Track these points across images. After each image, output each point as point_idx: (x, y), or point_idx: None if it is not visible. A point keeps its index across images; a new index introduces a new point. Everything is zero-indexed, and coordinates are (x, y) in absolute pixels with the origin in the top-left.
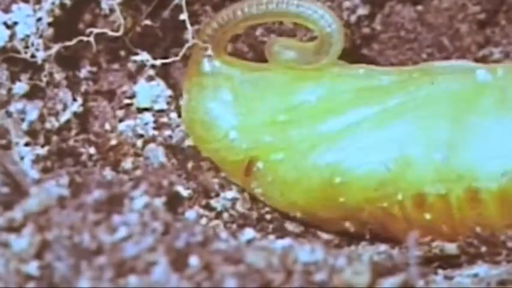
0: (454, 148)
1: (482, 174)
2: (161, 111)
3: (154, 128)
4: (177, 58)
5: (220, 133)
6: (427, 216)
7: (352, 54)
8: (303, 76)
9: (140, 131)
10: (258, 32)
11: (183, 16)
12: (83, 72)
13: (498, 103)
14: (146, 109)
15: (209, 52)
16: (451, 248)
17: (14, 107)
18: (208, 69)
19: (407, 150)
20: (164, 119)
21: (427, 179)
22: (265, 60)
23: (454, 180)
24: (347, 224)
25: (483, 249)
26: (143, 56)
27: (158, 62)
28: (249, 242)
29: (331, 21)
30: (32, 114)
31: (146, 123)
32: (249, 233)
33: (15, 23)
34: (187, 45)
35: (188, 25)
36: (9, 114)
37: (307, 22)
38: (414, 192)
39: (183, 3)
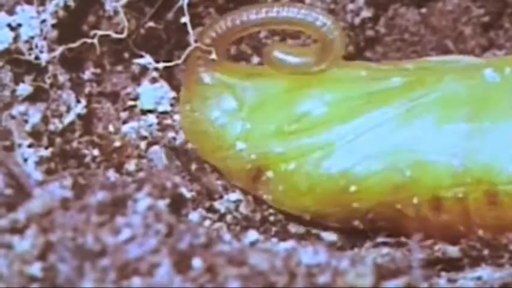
0: (470, 152)
1: (500, 177)
2: (165, 113)
3: (158, 130)
4: (180, 61)
5: (226, 144)
6: (444, 217)
7: (356, 57)
8: (306, 82)
9: (144, 133)
10: (262, 34)
11: (185, 19)
12: (87, 74)
13: (510, 103)
14: (150, 111)
15: (213, 56)
16: (454, 251)
17: (17, 109)
18: (207, 80)
19: (422, 155)
20: (168, 121)
21: (443, 184)
22: None
23: (472, 184)
24: (356, 223)
25: (485, 252)
26: (146, 59)
27: (161, 65)
28: (253, 244)
29: (333, 28)
30: (35, 117)
31: (150, 125)
32: (252, 235)
33: (19, 25)
34: (189, 49)
35: (190, 28)
36: (12, 116)
37: (308, 29)
38: (430, 196)
39: (185, 6)
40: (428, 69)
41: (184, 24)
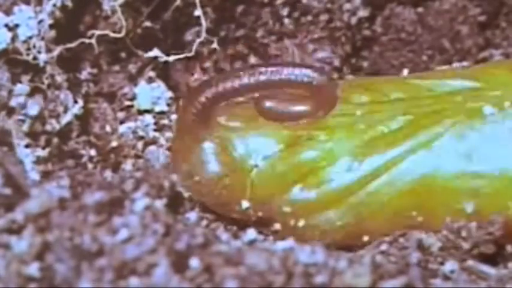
0: (483, 197)
1: None
2: (162, 113)
3: (155, 130)
4: (191, 54)
5: (230, 201)
6: None
7: (352, 57)
8: (303, 134)
9: (141, 133)
10: (259, 33)
11: (198, 12)
12: (84, 74)
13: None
14: (147, 111)
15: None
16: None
17: (14, 111)
18: (205, 139)
19: (432, 201)
20: (165, 121)
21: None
22: (266, 61)
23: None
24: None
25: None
26: (155, 52)
27: (171, 58)
28: (250, 243)
29: (324, 81)
30: (32, 117)
31: (147, 125)
32: (249, 234)
33: (17, 25)
34: (198, 40)
35: (203, 20)
36: (9, 115)
37: (298, 87)
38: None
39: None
40: (420, 99)
41: (182, 23)
